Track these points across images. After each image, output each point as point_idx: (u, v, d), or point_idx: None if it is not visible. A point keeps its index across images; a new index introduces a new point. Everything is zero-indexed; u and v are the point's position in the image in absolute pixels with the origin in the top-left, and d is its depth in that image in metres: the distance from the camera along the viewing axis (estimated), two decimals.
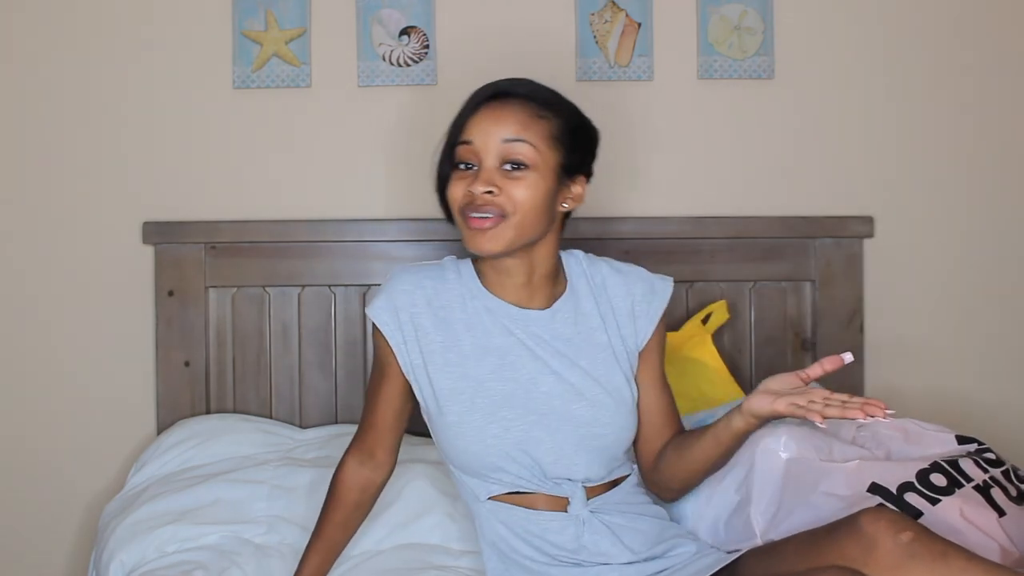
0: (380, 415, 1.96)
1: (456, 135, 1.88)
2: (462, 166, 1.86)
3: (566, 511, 1.86)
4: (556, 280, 1.95)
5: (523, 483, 1.87)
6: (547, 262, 1.92)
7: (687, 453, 1.91)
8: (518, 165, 1.82)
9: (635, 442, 1.98)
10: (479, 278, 1.94)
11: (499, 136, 1.83)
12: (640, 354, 1.95)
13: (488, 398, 1.87)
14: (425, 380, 1.90)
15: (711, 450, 1.89)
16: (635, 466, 1.99)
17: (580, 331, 1.92)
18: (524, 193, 1.82)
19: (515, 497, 1.88)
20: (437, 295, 1.92)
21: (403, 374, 1.92)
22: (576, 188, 1.90)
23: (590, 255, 2.00)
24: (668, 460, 1.94)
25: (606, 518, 1.87)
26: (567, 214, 1.94)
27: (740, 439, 1.87)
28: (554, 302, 1.93)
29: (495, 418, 1.86)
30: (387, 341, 1.91)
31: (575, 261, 1.98)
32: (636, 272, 1.98)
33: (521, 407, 1.87)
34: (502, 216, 1.81)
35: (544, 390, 1.88)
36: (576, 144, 1.89)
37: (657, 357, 1.97)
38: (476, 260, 1.97)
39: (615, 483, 1.92)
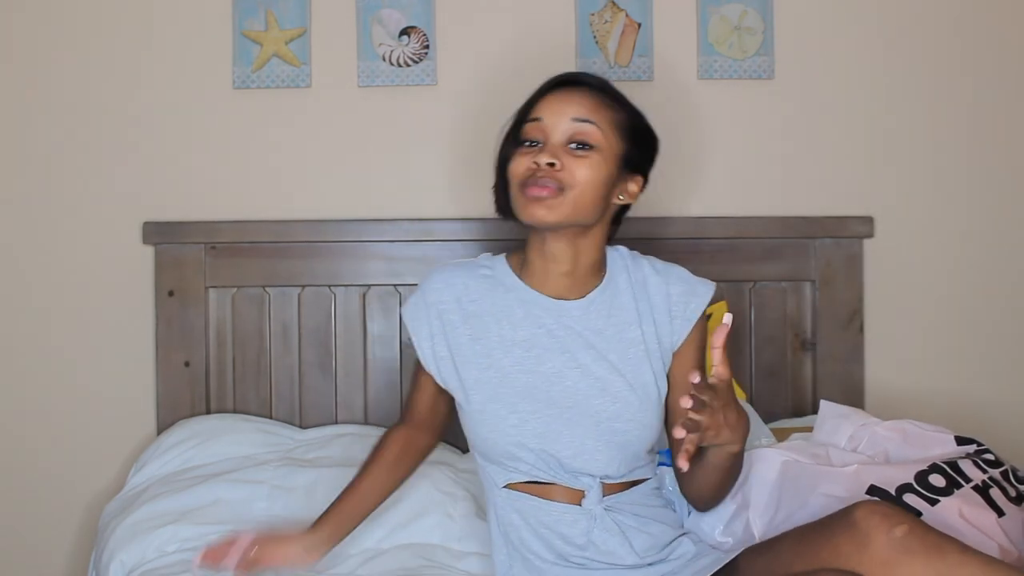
0: (419, 400, 2.03)
1: (523, 116, 1.92)
2: (527, 143, 1.89)
3: (580, 504, 1.87)
4: (598, 273, 1.96)
5: (540, 474, 1.88)
6: (593, 252, 1.93)
7: (699, 474, 1.88)
8: (583, 145, 1.86)
9: (669, 442, 1.97)
10: (515, 271, 1.96)
11: (569, 115, 1.87)
12: (674, 353, 1.95)
13: (511, 388, 1.88)
14: (451, 372, 1.92)
15: (715, 474, 1.86)
16: (658, 472, 1.99)
17: (613, 324, 1.93)
18: (586, 172, 1.85)
19: (531, 487, 1.89)
20: (467, 290, 1.95)
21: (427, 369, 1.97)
22: (632, 186, 1.94)
23: (634, 252, 2.01)
24: (685, 476, 1.93)
25: (618, 517, 1.87)
26: (621, 212, 1.97)
27: (737, 456, 1.83)
28: (588, 293, 1.94)
29: (515, 409, 1.88)
30: (412, 339, 1.97)
31: (618, 256, 2.00)
32: (677, 272, 1.99)
33: (542, 400, 1.88)
34: (560, 190, 1.84)
35: (567, 384, 1.89)
36: (638, 141, 1.93)
37: (691, 358, 1.96)
38: (514, 254, 1.99)
39: (634, 484, 1.93)
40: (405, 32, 2.64)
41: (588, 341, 1.91)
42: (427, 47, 2.64)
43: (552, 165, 1.84)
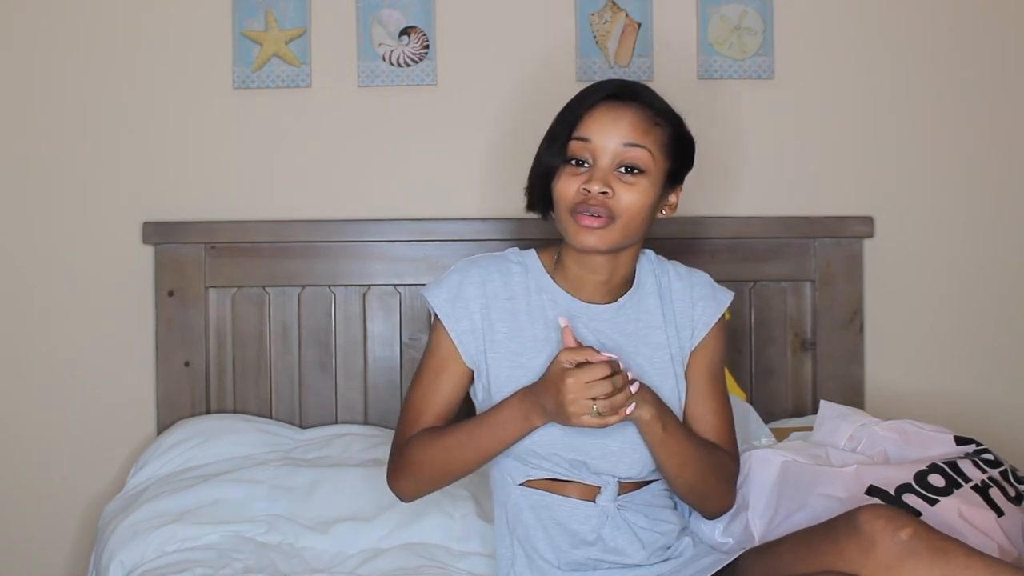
0: (437, 401, 1.91)
1: (569, 129, 1.87)
2: (573, 162, 1.86)
3: (594, 501, 1.87)
4: (629, 279, 1.96)
5: (561, 471, 1.88)
6: (630, 264, 1.93)
7: (664, 469, 1.90)
8: (633, 170, 1.84)
9: None
10: (548, 270, 1.94)
11: (619, 139, 1.83)
12: (691, 353, 1.96)
13: None
14: (484, 368, 1.90)
15: (665, 460, 1.87)
16: None
17: (641, 328, 1.93)
18: (635, 199, 1.83)
19: (548, 483, 1.89)
20: (505, 286, 1.93)
21: (465, 364, 1.91)
22: (673, 198, 1.93)
23: (660, 257, 2.02)
24: (665, 478, 1.94)
25: (629, 516, 1.88)
26: None
27: (656, 439, 1.84)
28: (619, 298, 1.94)
29: None
30: (448, 333, 1.90)
31: (646, 260, 2.00)
32: (700, 278, 2.00)
33: None
34: (611, 218, 1.83)
35: None
36: (679, 153, 1.91)
37: (705, 360, 1.97)
38: (544, 250, 1.97)
39: (646, 483, 1.93)
40: (405, 32, 2.64)
41: (617, 344, 1.90)
42: (427, 47, 2.64)
43: (605, 194, 1.82)
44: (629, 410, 1.73)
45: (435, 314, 1.92)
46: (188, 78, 2.64)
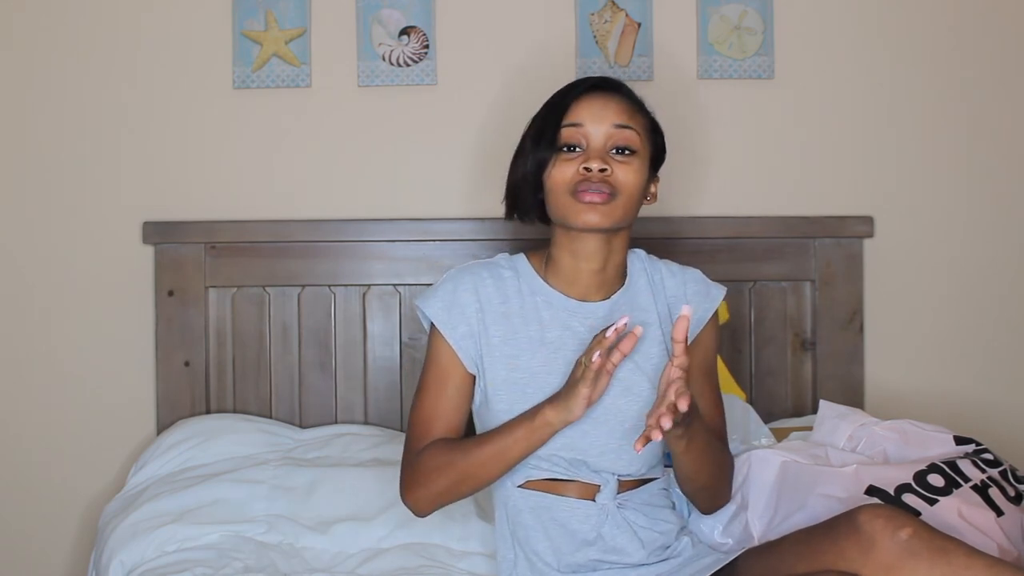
0: (447, 408, 1.91)
1: (557, 120, 1.90)
2: (566, 148, 1.89)
3: (594, 500, 1.88)
4: (621, 275, 1.97)
5: (561, 472, 1.88)
6: (622, 252, 1.95)
7: (680, 466, 1.91)
8: (626, 150, 1.88)
9: None
10: (538, 272, 1.96)
11: (610, 120, 1.89)
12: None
13: (540, 390, 1.87)
14: (481, 372, 1.91)
15: (685, 465, 1.89)
16: (666, 472, 2.00)
17: (635, 324, 1.93)
18: (632, 176, 1.88)
19: (547, 484, 1.89)
20: (498, 291, 1.94)
21: (467, 370, 1.91)
22: (653, 187, 1.97)
23: (651, 255, 2.03)
24: (677, 473, 1.95)
25: (629, 515, 1.88)
26: None
27: (680, 449, 1.84)
28: (612, 295, 1.95)
29: None
30: (447, 341, 1.91)
31: (636, 258, 2.01)
32: (693, 274, 2.02)
33: None
34: (612, 195, 1.86)
35: None
36: (656, 143, 1.96)
37: (700, 356, 1.98)
38: (533, 254, 1.99)
39: (645, 482, 1.93)
40: (405, 32, 2.64)
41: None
42: (427, 47, 2.64)
43: (604, 171, 1.85)
44: (595, 357, 1.73)
45: (432, 324, 1.93)
46: (188, 78, 2.64)
